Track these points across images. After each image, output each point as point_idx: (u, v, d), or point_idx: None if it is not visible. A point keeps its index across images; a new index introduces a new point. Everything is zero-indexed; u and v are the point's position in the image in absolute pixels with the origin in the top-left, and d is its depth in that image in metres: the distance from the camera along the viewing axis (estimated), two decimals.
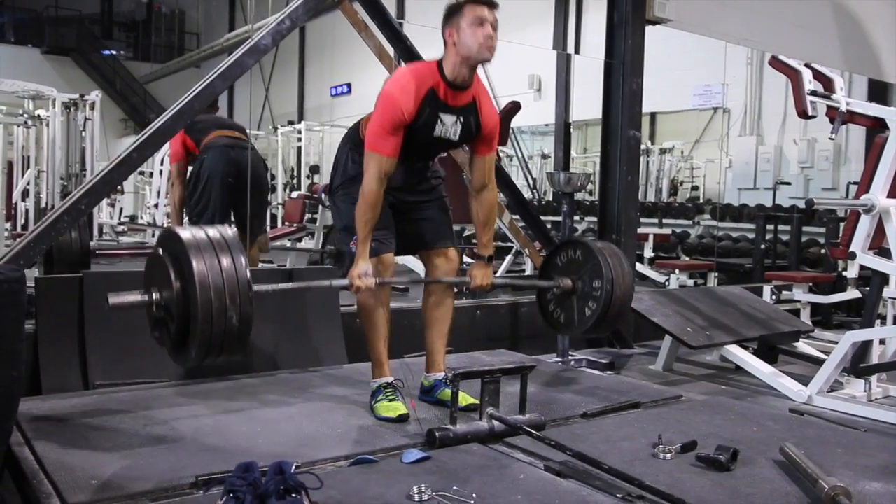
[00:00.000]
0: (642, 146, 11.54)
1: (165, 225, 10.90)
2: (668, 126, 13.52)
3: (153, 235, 11.40)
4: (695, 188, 12.62)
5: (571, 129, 12.36)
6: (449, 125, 2.84)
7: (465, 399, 2.79)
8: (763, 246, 7.39)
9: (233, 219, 5.01)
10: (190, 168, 5.04)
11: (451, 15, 2.78)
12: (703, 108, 11.40)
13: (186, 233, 2.39)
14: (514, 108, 6.64)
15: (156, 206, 11.70)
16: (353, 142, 3.00)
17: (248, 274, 2.37)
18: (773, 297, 5.61)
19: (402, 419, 2.78)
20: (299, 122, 16.32)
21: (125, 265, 7.17)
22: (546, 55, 11.69)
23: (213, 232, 2.41)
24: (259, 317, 3.66)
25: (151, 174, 12.11)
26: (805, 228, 7.61)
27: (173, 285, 2.35)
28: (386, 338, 2.96)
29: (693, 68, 10.33)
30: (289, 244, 7.91)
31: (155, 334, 2.50)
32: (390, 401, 2.85)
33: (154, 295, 2.43)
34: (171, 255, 2.40)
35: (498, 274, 7.00)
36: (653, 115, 13.10)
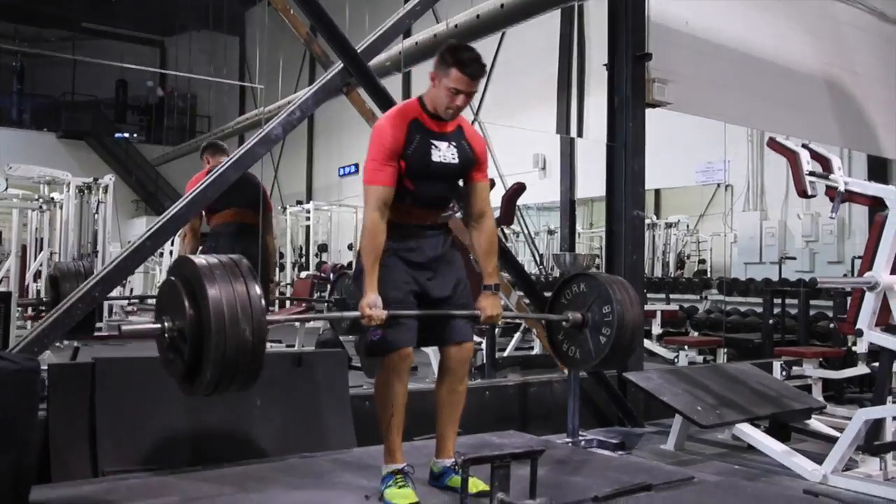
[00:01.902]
0: (648, 220, 11.69)
1: None
2: (672, 201, 13.69)
3: None
4: (702, 262, 12.69)
5: (577, 206, 12.54)
6: (444, 150, 2.95)
7: (475, 485, 2.77)
8: (771, 321, 7.38)
9: None
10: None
11: (441, 64, 2.89)
12: (706, 183, 11.56)
13: (200, 260, 2.42)
14: (520, 188, 6.75)
15: None
16: None
17: (262, 300, 2.39)
18: (784, 373, 5.57)
19: None
20: (308, 202, 16.57)
21: (135, 347, 7.19)
22: (550, 134, 11.97)
23: (226, 259, 2.45)
24: (267, 399, 3.71)
25: (161, 254, 12.25)
26: (813, 302, 7.60)
27: (187, 312, 2.35)
28: (400, 425, 2.94)
29: (695, 146, 10.53)
30: (297, 324, 7.92)
31: (168, 356, 2.47)
32: (400, 487, 2.83)
33: (166, 322, 2.43)
34: (183, 282, 2.41)
35: (506, 353, 7.00)
36: (657, 191, 13.29)
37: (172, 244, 11.53)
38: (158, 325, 2.44)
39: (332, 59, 4.36)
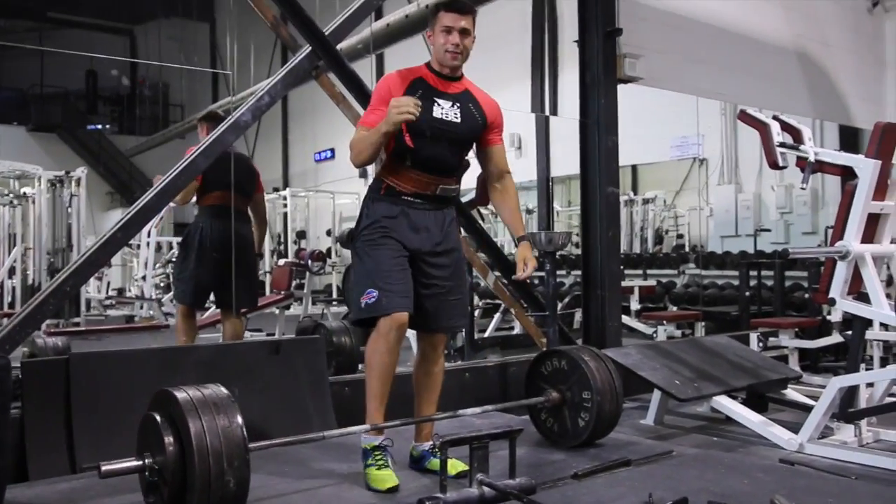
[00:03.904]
0: (625, 197, 11.69)
1: (154, 297, 10.90)
2: (649, 176, 13.71)
3: (141, 308, 11.36)
4: (679, 236, 12.75)
5: (555, 184, 12.52)
6: (447, 108, 2.94)
7: (454, 467, 2.78)
8: (747, 293, 7.44)
9: (212, 298, 5.07)
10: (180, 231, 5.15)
11: (430, 17, 2.98)
12: (681, 158, 11.59)
13: (182, 394, 2.39)
14: None
15: (143, 278, 11.69)
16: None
17: (245, 433, 2.37)
18: (760, 344, 5.64)
19: (392, 491, 2.77)
20: (284, 189, 16.46)
21: (113, 341, 7.14)
22: (525, 113, 11.92)
23: (208, 392, 2.43)
24: (247, 388, 3.68)
25: (138, 247, 12.12)
26: (788, 273, 7.69)
27: (167, 450, 2.34)
28: (384, 396, 2.90)
29: (669, 121, 10.53)
30: (277, 311, 7.90)
31: (149, 500, 2.46)
32: (380, 468, 2.83)
33: (147, 459, 2.39)
34: (165, 418, 2.40)
35: (486, 334, 7.03)
36: (634, 167, 13.30)
37: (149, 235, 11.43)
38: (140, 463, 2.41)
39: (302, 43, 4.31)
